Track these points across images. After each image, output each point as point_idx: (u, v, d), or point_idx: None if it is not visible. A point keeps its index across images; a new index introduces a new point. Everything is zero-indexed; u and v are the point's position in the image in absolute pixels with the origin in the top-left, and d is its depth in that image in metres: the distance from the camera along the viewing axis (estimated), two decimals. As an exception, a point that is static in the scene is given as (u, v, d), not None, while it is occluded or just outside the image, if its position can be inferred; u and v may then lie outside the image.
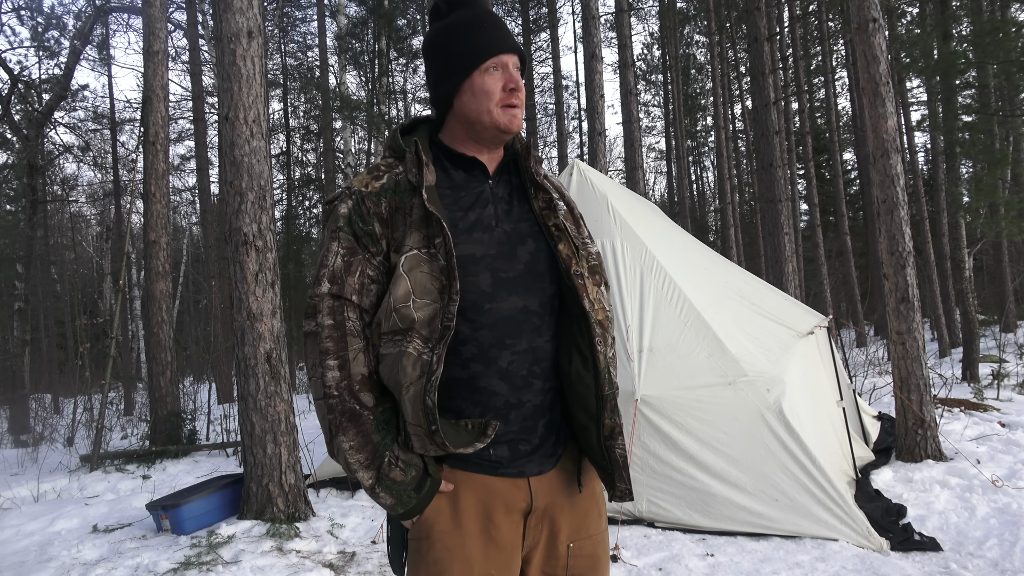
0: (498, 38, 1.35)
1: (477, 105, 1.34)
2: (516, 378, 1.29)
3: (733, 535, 3.91)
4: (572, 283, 1.32)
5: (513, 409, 1.29)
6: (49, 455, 8.38)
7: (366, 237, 1.31)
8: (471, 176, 1.38)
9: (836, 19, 19.99)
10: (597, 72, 8.93)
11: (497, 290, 1.29)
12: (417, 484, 1.27)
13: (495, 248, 1.31)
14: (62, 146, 15.89)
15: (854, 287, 17.34)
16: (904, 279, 5.40)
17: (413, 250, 1.27)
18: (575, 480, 1.39)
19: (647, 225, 5.12)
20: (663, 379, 4.15)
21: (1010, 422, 6.26)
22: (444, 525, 1.28)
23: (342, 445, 1.27)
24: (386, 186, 1.33)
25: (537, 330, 1.31)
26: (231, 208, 4.74)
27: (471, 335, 1.27)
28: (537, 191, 1.40)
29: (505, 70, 1.34)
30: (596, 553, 1.41)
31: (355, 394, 1.28)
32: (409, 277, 1.26)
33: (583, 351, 1.31)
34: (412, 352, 1.24)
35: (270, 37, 19.08)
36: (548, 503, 1.34)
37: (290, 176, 19.23)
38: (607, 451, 1.34)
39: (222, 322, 14.28)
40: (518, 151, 1.44)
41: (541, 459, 1.33)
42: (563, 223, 1.37)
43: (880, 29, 5.52)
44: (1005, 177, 11.88)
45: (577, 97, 25.33)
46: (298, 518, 4.61)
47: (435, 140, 1.42)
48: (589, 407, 1.32)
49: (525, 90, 1.38)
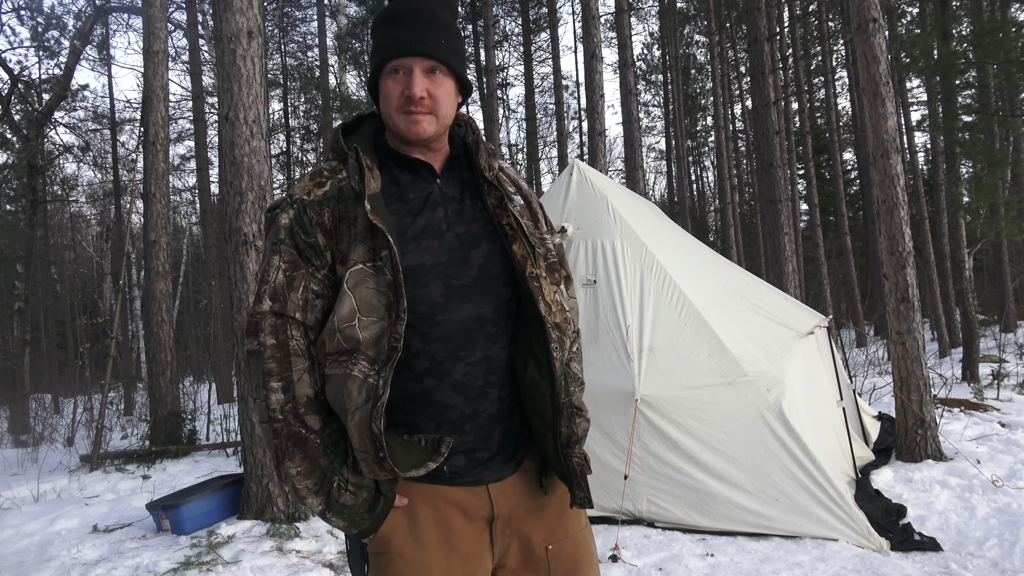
0: (402, 37, 1.24)
1: (384, 108, 1.28)
2: (471, 390, 1.24)
3: (733, 535, 3.91)
4: (527, 286, 1.26)
5: (468, 420, 1.25)
6: (49, 455, 8.38)
7: (309, 250, 1.23)
8: (418, 177, 1.30)
9: (836, 19, 19.99)
10: (597, 72, 8.93)
11: (449, 299, 1.23)
12: (370, 506, 1.22)
13: (447, 254, 1.24)
14: (62, 146, 15.90)
15: (854, 287, 17.33)
16: (904, 279, 5.40)
17: (358, 264, 1.19)
18: (539, 483, 1.34)
19: (647, 225, 5.12)
20: (663, 379, 4.15)
21: (1010, 422, 6.26)
22: (402, 539, 1.23)
23: (289, 471, 1.20)
24: (329, 194, 1.24)
25: (492, 338, 1.26)
26: (231, 208, 4.74)
27: (423, 348, 1.22)
28: (490, 188, 1.32)
29: (408, 75, 1.23)
30: (578, 552, 1.36)
31: (300, 417, 1.21)
32: (354, 294, 1.19)
33: (538, 357, 1.26)
34: (358, 375, 1.18)
35: (270, 37, 19.08)
36: (511, 508, 1.29)
37: (290, 176, 19.23)
38: (564, 459, 1.29)
39: (222, 322, 14.29)
40: (468, 144, 1.35)
41: (499, 466, 1.29)
42: (517, 220, 1.29)
43: (880, 29, 5.52)
44: (1005, 177, 11.89)
45: (577, 97, 25.35)
46: (298, 518, 4.61)
47: (380, 140, 1.33)
48: (545, 415, 1.27)
49: (435, 96, 1.25)
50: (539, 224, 1.37)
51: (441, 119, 1.27)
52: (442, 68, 1.26)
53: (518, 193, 1.36)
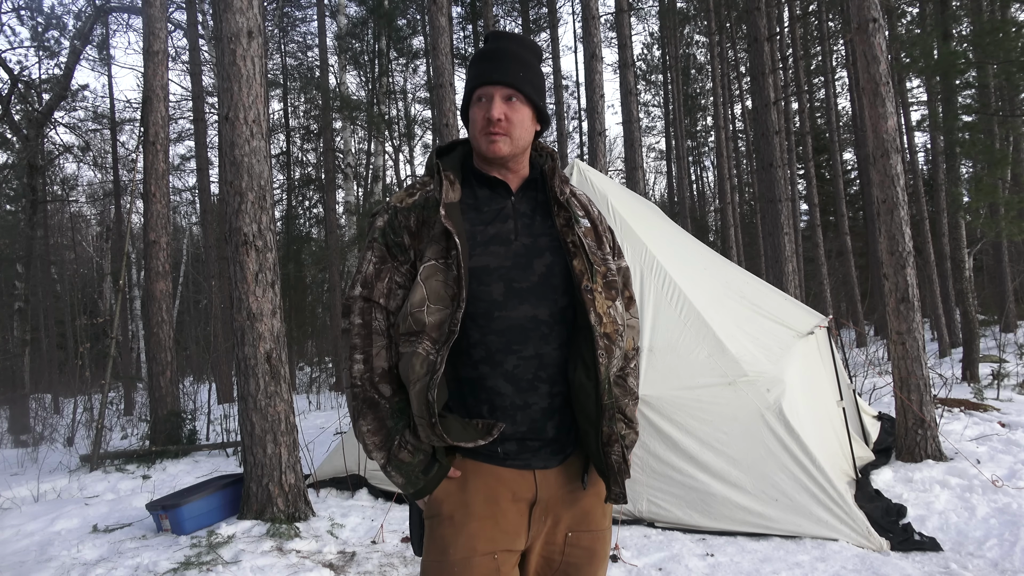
0: (486, 70, 1.45)
1: (471, 131, 1.49)
2: (522, 381, 1.40)
3: (733, 535, 3.91)
4: (581, 297, 1.41)
5: (519, 410, 1.40)
6: (49, 455, 8.38)
7: (396, 248, 1.46)
8: (495, 193, 1.50)
9: (836, 19, 19.99)
10: (597, 72, 8.93)
11: (508, 299, 1.40)
12: (425, 467, 1.40)
13: (512, 260, 1.42)
14: (62, 146, 15.90)
15: (854, 287, 17.33)
16: (904, 279, 5.39)
17: (431, 260, 1.40)
18: (580, 479, 1.48)
19: (647, 225, 5.12)
20: (663, 379, 4.15)
21: (1010, 422, 6.26)
22: (451, 506, 1.40)
23: (361, 428, 1.43)
24: (417, 202, 1.47)
25: (545, 338, 1.41)
26: (231, 208, 4.74)
27: (480, 339, 1.39)
28: (559, 209, 1.50)
29: (489, 101, 1.44)
30: (594, 547, 1.51)
31: (375, 385, 1.43)
32: (425, 285, 1.38)
33: (586, 361, 1.40)
34: (421, 352, 1.37)
35: (270, 37, 19.07)
36: (552, 496, 1.44)
37: (290, 176, 19.22)
38: (604, 456, 1.44)
39: (222, 322, 14.28)
40: (544, 170, 1.55)
41: (547, 456, 1.44)
42: (580, 240, 1.46)
43: (880, 29, 5.51)
44: (1005, 177, 11.89)
45: (577, 97, 25.34)
46: (298, 518, 4.61)
47: (467, 161, 1.54)
48: (589, 414, 1.42)
49: (512, 119, 1.45)
50: (603, 246, 1.53)
51: (515, 140, 1.46)
52: (519, 96, 1.46)
53: (586, 217, 1.54)
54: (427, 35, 17.14)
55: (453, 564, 1.37)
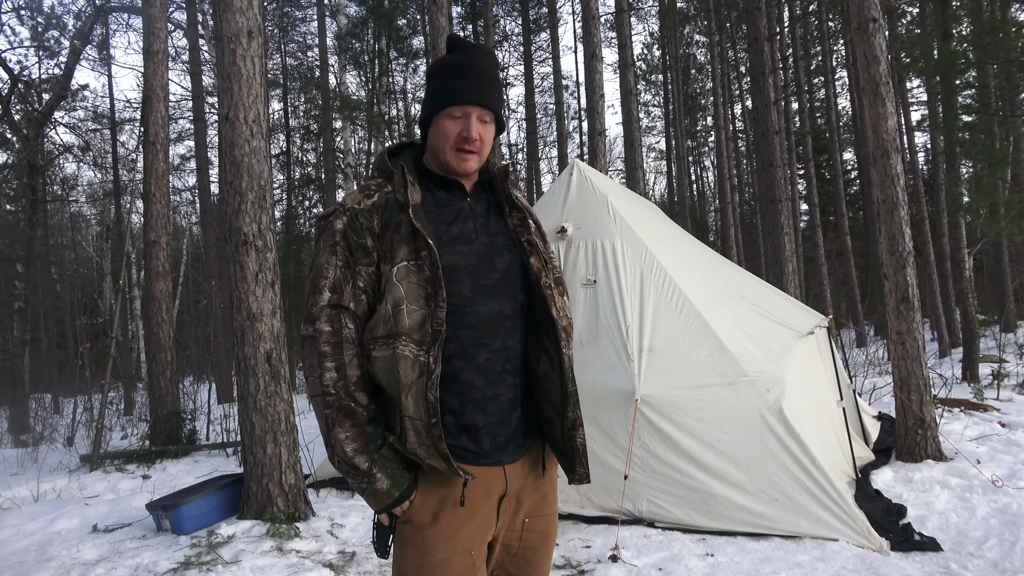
0: (468, 88, 1.48)
1: (437, 142, 1.52)
2: (491, 373, 1.46)
3: (733, 535, 3.91)
4: (542, 293, 1.51)
5: (490, 402, 1.46)
6: (49, 455, 8.38)
7: (359, 250, 1.45)
8: (451, 194, 1.55)
9: (836, 19, 19.98)
10: (597, 72, 8.93)
11: (476, 295, 1.45)
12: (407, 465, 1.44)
13: (476, 258, 1.48)
14: (62, 146, 15.89)
15: (854, 287, 17.33)
16: (904, 279, 5.39)
17: (403, 262, 1.43)
18: (540, 466, 1.58)
19: (647, 225, 5.12)
20: (663, 379, 4.15)
21: (1010, 422, 6.26)
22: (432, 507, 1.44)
23: (338, 436, 1.41)
24: (377, 204, 1.48)
25: (510, 332, 1.49)
26: (231, 208, 4.74)
27: (453, 335, 1.43)
28: (512, 209, 1.59)
29: (467, 119, 1.48)
30: (547, 530, 1.61)
31: (351, 393, 1.43)
32: (401, 285, 1.41)
33: (550, 352, 1.50)
34: (408, 355, 1.39)
35: (270, 37, 19.08)
36: (518, 487, 1.52)
37: (290, 176, 19.23)
38: (569, 440, 1.53)
39: (222, 322, 14.28)
40: (494, 173, 1.62)
41: (514, 449, 1.51)
42: (534, 239, 1.56)
43: (880, 29, 5.51)
44: (1005, 177, 11.88)
45: (577, 97, 25.32)
46: (298, 518, 4.61)
47: (419, 163, 1.58)
48: (555, 402, 1.51)
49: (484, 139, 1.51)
50: (547, 246, 1.62)
51: (482, 157, 1.54)
52: (491, 116, 1.52)
53: (530, 218, 1.60)
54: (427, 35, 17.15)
55: (436, 564, 1.41)
